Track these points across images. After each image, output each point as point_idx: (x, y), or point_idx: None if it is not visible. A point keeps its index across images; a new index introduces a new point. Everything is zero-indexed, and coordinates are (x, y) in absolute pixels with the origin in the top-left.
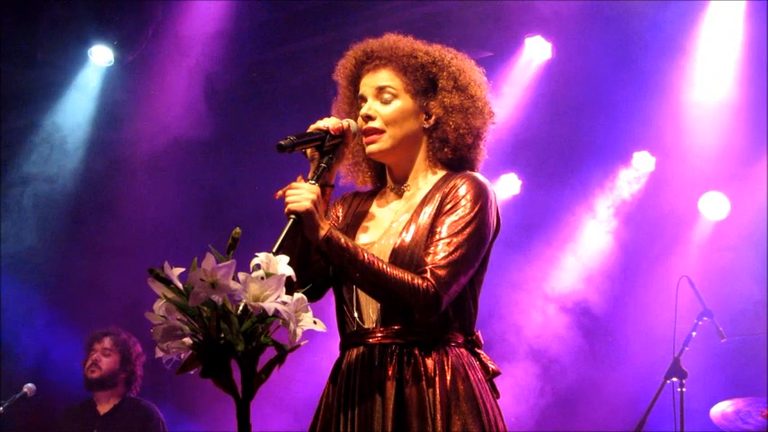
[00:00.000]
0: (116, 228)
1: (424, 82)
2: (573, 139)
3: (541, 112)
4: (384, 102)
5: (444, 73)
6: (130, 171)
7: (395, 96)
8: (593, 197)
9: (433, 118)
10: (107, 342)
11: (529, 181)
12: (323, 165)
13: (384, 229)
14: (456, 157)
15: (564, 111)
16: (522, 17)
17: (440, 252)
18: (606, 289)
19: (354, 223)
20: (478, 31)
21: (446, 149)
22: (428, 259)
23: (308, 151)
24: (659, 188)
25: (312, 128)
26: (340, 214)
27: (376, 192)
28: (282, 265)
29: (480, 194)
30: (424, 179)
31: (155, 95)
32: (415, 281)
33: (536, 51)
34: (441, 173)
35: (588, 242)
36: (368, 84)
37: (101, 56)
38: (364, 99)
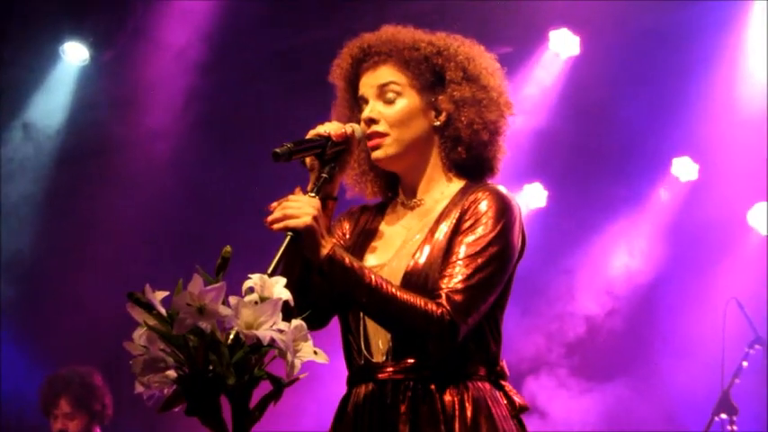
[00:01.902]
0: (90, 237)
1: (431, 75)
2: (605, 143)
3: (569, 113)
4: (387, 101)
5: (451, 63)
6: (106, 177)
7: (398, 94)
8: (629, 209)
9: (444, 114)
10: (64, 405)
11: (556, 191)
12: (324, 175)
13: (395, 249)
14: (471, 156)
15: (595, 112)
16: (546, 7)
17: (457, 275)
18: (645, 312)
19: (362, 242)
20: (497, 23)
21: (459, 149)
22: (444, 283)
23: (308, 160)
24: (703, 199)
25: (311, 134)
26: (346, 231)
27: (386, 205)
28: (279, 288)
29: (504, 210)
30: (439, 191)
31: (133, 97)
32: (429, 307)
33: (562, 46)
34: (458, 183)
35: (623, 260)
36: (367, 83)
37: (74, 54)
38: (365, 101)
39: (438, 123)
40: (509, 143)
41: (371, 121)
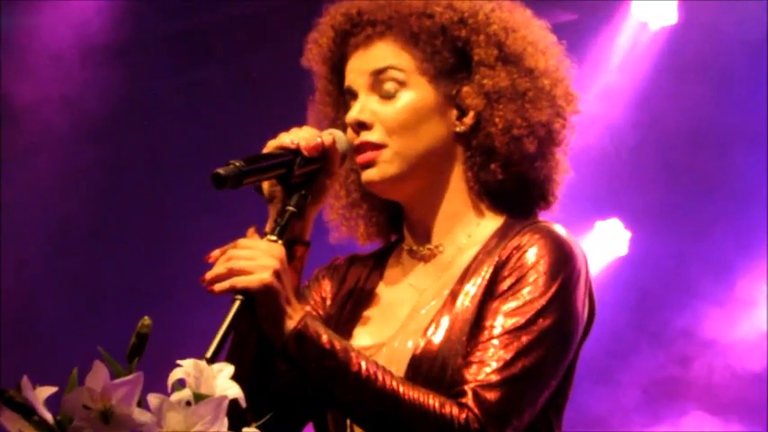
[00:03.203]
0: None
1: (450, 55)
2: (713, 162)
3: (663, 114)
4: (385, 95)
5: (481, 37)
6: None
7: (402, 85)
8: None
9: (471, 115)
10: None
11: (642, 232)
12: (291, 208)
13: (400, 322)
14: (511, 177)
15: (703, 113)
16: None
17: (491, 361)
18: None
19: (350, 311)
20: None
21: (493, 166)
22: (471, 373)
23: (266, 186)
24: None
25: (272, 146)
26: (326, 294)
27: (387, 255)
28: (223, 381)
29: (562, 263)
30: (465, 232)
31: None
32: (448, 410)
33: (651, 13)
34: (494, 220)
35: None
36: (357, 68)
37: None
38: (353, 94)
39: (462, 128)
40: (573, 159)
41: (362, 126)
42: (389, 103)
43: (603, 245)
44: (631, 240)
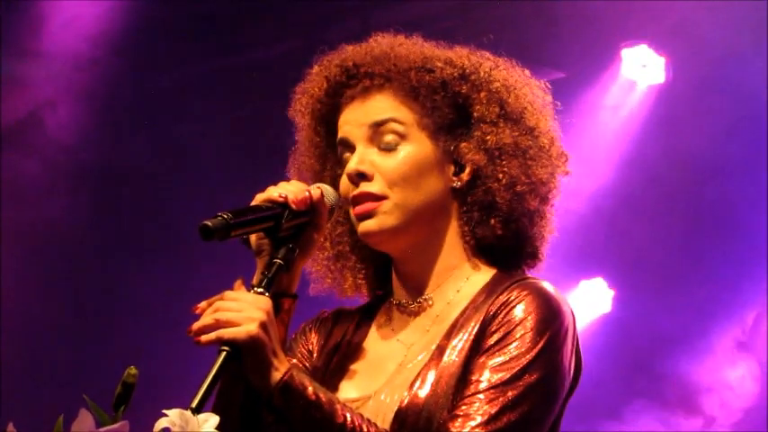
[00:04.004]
0: None
1: (450, 111)
2: (700, 221)
3: (649, 172)
4: (385, 148)
5: (482, 94)
6: None
7: (402, 138)
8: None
9: (468, 170)
10: None
11: (626, 291)
12: (278, 261)
13: (387, 376)
14: (510, 234)
15: (689, 171)
16: (617, 15)
17: (476, 415)
18: None
19: (337, 364)
20: (543, 37)
21: (493, 221)
22: (456, 426)
23: (253, 239)
24: None
25: (260, 199)
26: (312, 347)
27: (375, 308)
28: (209, 431)
29: (549, 319)
30: (454, 287)
31: None
32: None
33: (639, 71)
34: (483, 275)
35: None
36: (354, 120)
37: None
38: (349, 146)
39: (459, 183)
40: (556, 218)
41: (362, 177)
42: (390, 155)
43: (588, 303)
44: (614, 299)
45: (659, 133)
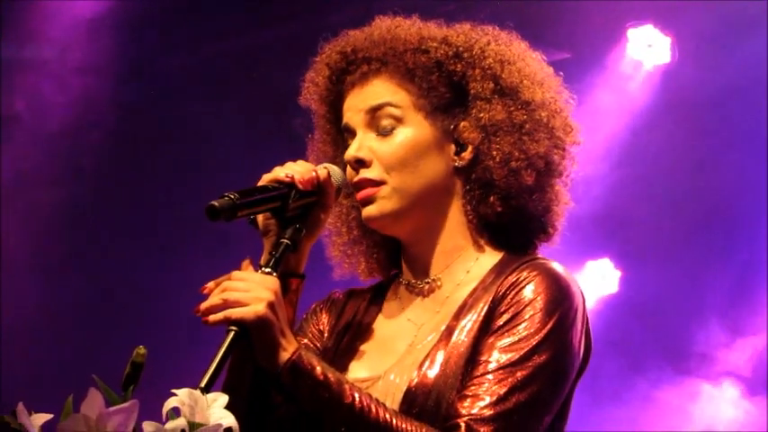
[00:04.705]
0: None
1: (446, 90)
2: (705, 200)
3: (655, 154)
4: (382, 133)
5: (477, 71)
6: None
7: (398, 121)
8: (739, 295)
9: (469, 149)
10: None
11: (632, 271)
12: (285, 241)
13: (397, 356)
14: (509, 211)
15: (694, 154)
16: None
17: (485, 395)
18: None
19: (347, 344)
20: (549, 17)
21: (492, 199)
22: (465, 407)
23: (260, 219)
24: None
25: (267, 179)
26: (323, 327)
27: (385, 288)
28: (218, 411)
29: (559, 300)
30: (463, 268)
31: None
32: None
33: (645, 51)
34: (492, 256)
35: (740, 367)
36: (354, 106)
37: None
38: (351, 132)
39: (461, 163)
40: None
41: (360, 163)
42: (387, 139)
43: (593, 284)
44: (620, 279)
45: (665, 113)
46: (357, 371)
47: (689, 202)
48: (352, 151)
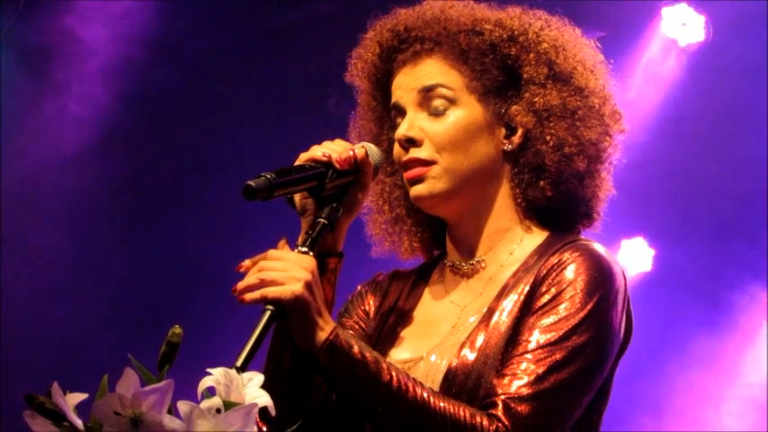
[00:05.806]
0: None
1: (499, 73)
2: (743, 179)
3: (688, 134)
4: (434, 113)
5: (531, 55)
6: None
7: (451, 102)
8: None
9: (519, 133)
10: None
11: (667, 250)
12: (322, 220)
13: (441, 337)
14: (560, 195)
15: (729, 132)
16: None
17: (523, 375)
18: None
19: (391, 326)
20: None
21: (542, 183)
22: (503, 386)
23: (297, 198)
24: None
25: (303, 158)
26: (369, 309)
27: (429, 270)
28: (253, 390)
29: (600, 281)
30: (507, 249)
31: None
32: (479, 420)
33: (679, 30)
34: (537, 236)
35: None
36: (405, 85)
37: None
38: (401, 111)
39: (511, 146)
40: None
41: (411, 143)
42: (439, 120)
43: (628, 263)
44: (654, 258)
45: (699, 91)
46: (400, 352)
47: (722, 180)
48: (402, 130)
